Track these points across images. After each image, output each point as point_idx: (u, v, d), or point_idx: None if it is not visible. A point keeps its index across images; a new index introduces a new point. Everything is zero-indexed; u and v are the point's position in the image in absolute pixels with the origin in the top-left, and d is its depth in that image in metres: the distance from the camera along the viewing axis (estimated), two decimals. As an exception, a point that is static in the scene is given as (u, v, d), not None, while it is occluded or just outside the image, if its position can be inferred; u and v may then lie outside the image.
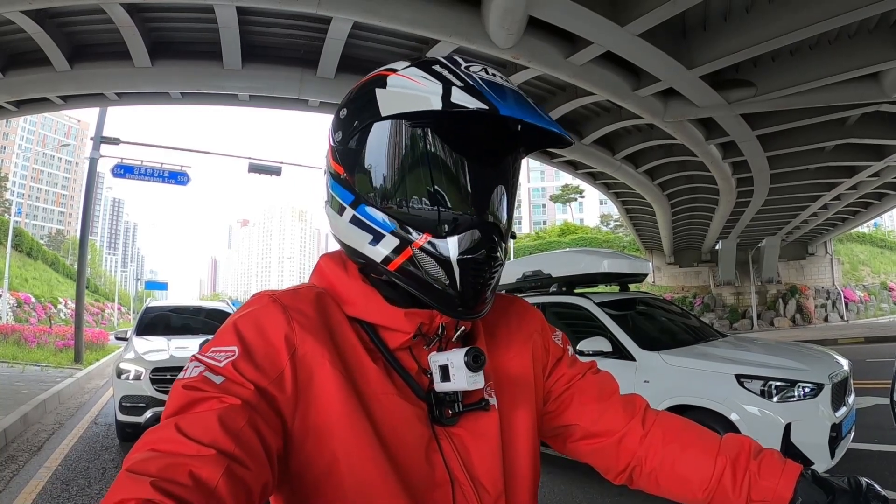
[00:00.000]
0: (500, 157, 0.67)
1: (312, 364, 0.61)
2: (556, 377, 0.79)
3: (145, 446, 0.51)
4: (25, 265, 35.32)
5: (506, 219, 0.67)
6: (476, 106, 0.58)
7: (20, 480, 4.29)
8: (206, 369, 0.58)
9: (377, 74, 0.67)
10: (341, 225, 0.69)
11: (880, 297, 32.49)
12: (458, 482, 0.65)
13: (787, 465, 0.67)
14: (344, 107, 0.69)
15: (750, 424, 3.45)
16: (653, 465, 0.73)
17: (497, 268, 0.66)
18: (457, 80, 0.61)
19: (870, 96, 9.90)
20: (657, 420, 0.76)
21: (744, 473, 0.68)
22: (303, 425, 0.61)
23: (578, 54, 8.65)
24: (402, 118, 0.63)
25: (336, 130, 0.69)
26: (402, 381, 0.66)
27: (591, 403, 0.78)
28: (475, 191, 0.64)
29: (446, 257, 0.63)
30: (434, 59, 0.66)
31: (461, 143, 0.64)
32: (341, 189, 0.69)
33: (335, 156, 0.69)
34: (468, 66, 0.64)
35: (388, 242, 0.64)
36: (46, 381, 8.86)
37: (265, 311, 0.63)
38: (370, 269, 0.68)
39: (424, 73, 0.63)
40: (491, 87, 0.60)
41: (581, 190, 58.23)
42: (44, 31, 8.68)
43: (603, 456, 0.77)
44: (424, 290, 0.64)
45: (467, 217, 0.64)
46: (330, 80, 10.28)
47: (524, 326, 0.79)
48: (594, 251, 5.92)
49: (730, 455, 0.69)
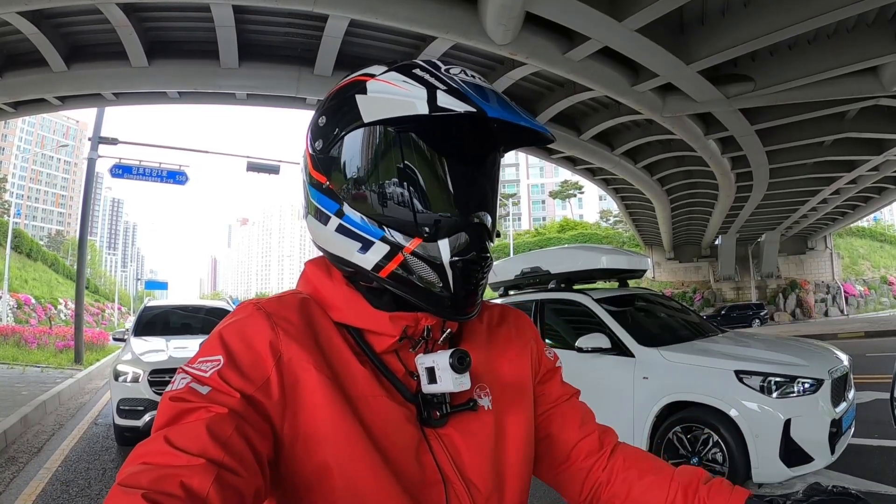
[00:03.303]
0: (482, 157, 0.67)
1: (298, 369, 0.62)
2: (546, 392, 0.80)
3: (136, 460, 0.52)
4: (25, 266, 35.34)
5: (491, 218, 0.67)
6: (464, 109, 0.58)
7: (20, 482, 4.29)
8: (192, 380, 0.59)
9: (354, 80, 0.67)
10: (326, 234, 0.68)
11: (880, 291, 32.54)
12: (449, 481, 0.65)
13: (734, 490, 0.69)
14: (322, 114, 0.68)
15: (749, 420, 3.45)
16: (613, 491, 0.75)
17: (487, 268, 0.67)
18: (439, 84, 0.61)
19: (869, 90, 9.90)
20: (618, 448, 0.79)
21: (694, 497, 0.70)
22: (292, 430, 0.61)
23: (576, 50, 8.65)
24: (386, 124, 0.62)
25: (315, 139, 0.68)
26: (389, 383, 0.66)
27: (572, 429, 0.79)
28: (461, 192, 0.64)
29: (438, 261, 0.63)
30: (414, 62, 0.66)
31: (445, 146, 0.64)
32: (323, 197, 0.68)
33: (315, 164, 0.68)
34: (448, 68, 0.64)
35: (378, 249, 0.64)
36: (47, 382, 8.87)
37: (249, 320, 0.64)
38: (359, 276, 0.68)
39: (406, 78, 0.63)
40: (473, 89, 0.60)
41: (580, 186, 58.28)
42: (40, 32, 8.67)
43: (570, 482, 0.79)
44: (417, 294, 0.65)
45: (455, 219, 0.64)
46: (327, 78, 10.28)
47: (521, 333, 0.81)
48: (593, 247, 5.92)
49: (682, 482, 0.72)
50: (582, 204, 74.50)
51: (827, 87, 9.78)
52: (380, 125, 0.63)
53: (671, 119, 11.37)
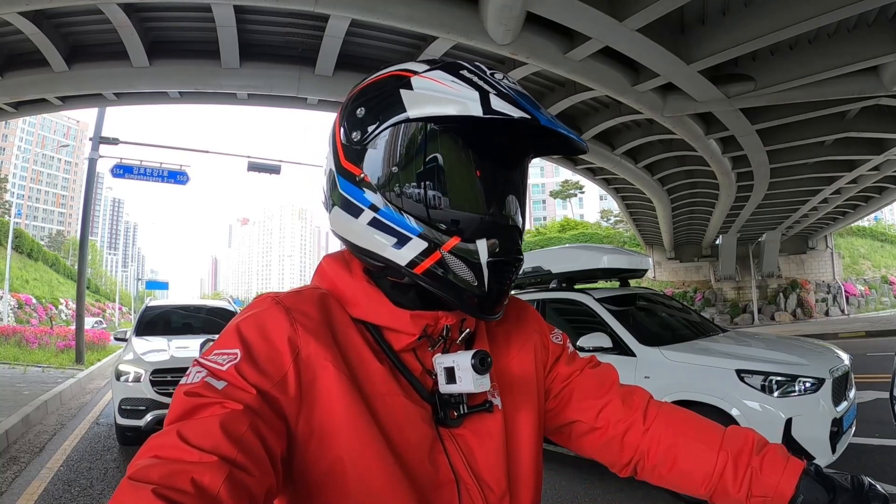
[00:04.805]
0: (516, 161, 0.69)
1: (316, 366, 0.61)
2: (555, 375, 0.80)
3: (148, 453, 0.51)
4: (26, 266, 35.37)
5: (522, 220, 0.69)
6: (519, 115, 0.58)
7: (22, 482, 4.30)
8: (208, 374, 0.58)
9: (394, 74, 0.66)
10: (357, 228, 0.67)
11: (881, 290, 32.50)
12: (462, 482, 0.65)
13: (790, 462, 0.67)
14: (360, 105, 0.67)
15: (751, 419, 3.45)
16: (656, 460, 0.73)
17: (519, 268, 0.68)
18: (490, 88, 0.61)
19: (869, 90, 9.88)
20: (660, 413, 0.77)
21: (745, 469, 0.68)
22: (307, 427, 0.61)
23: (577, 50, 8.64)
24: (435, 121, 0.62)
25: (353, 129, 0.67)
26: (406, 382, 0.66)
27: (589, 399, 0.78)
28: (500, 195, 0.66)
29: (476, 260, 0.64)
30: (458, 63, 0.66)
31: (488, 148, 0.64)
32: (356, 190, 0.66)
33: (349, 155, 0.67)
34: (493, 73, 0.65)
35: (415, 245, 0.64)
36: (48, 381, 8.88)
37: (268, 314, 0.63)
38: (390, 272, 0.68)
39: (454, 78, 0.63)
40: (522, 97, 0.61)
41: (581, 186, 58.21)
42: (41, 32, 8.66)
43: (607, 451, 0.77)
44: (451, 291, 0.64)
45: (493, 220, 0.65)
46: (328, 78, 10.27)
47: (523, 326, 0.80)
48: (594, 247, 5.92)
49: (732, 450, 0.69)
50: (582, 204, 74.45)
51: (828, 86, 9.76)
52: (425, 122, 0.62)
53: (672, 119, 11.35)
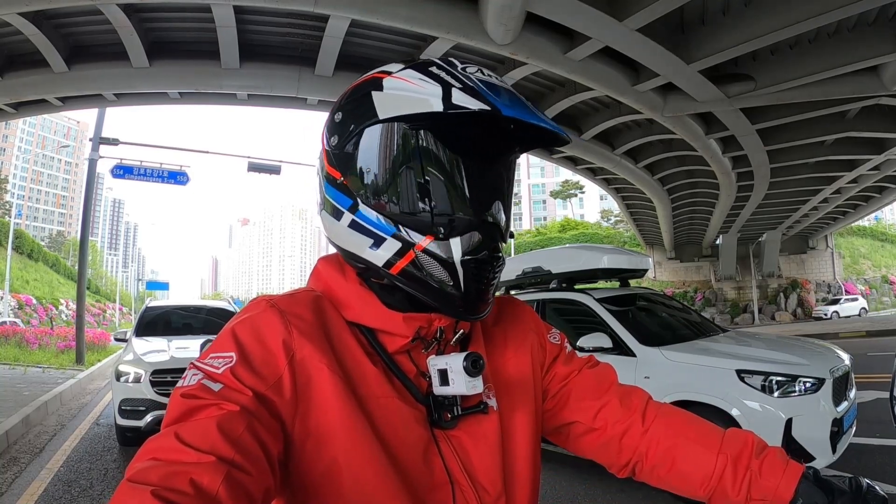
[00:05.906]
0: (497, 157, 0.67)
1: (311, 368, 0.61)
2: (553, 375, 0.80)
3: (146, 455, 0.52)
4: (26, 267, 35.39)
5: (504, 218, 0.67)
6: (478, 107, 0.57)
7: (22, 482, 4.29)
8: (204, 377, 0.58)
9: (371, 77, 0.67)
10: (339, 230, 0.68)
11: (881, 290, 32.51)
12: (457, 483, 0.65)
13: (789, 465, 0.67)
14: (339, 110, 0.68)
15: (751, 420, 3.44)
16: (654, 461, 0.73)
17: (499, 268, 0.66)
18: (455, 82, 0.60)
19: (870, 90, 9.89)
20: (659, 414, 0.76)
21: (745, 472, 0.67)
22: (303, 429, 0.61)
23: (577, 50, 8.64)
24: (401, 121, 0.62)
25: (332, 134, 0.68)
26: (401, 384, 0.66)
27: (587, 399, 0.78)
28: (475, 191, 0.64)
29: (450, 259, 0.63)
30: (430, 60, 0.66)
31: (460, 144, 0.63)
32: (338, 193, 0.67)
33: (331, 160, 0.68)
34: (464, 66, 0.64)
35: (390, 246, 0.64)
36: (48, 382, 8.88)
37: (263, 317, 0.63)
38: (370, 273, 0.68)
39: (422, 76, 0.62)
40: (489, 88, 0.60)
41: (581, 186, 58.25)
42: (41, 33, 8.68)
43: (605, 452, 0.77)
44: (427, 292, 0.64)
45: (468, 218, 0.63)
46: (328, 79, 10.28)
47: (520, 326, 0.79)
48: (594, 247, 5.91)
49: (731, 452, 0.69)
50: (583, 204, 74.44)
51: (828, 86, 9.77)
52: (395, 122, 0.62)
53: (672, 119, 11.36)
